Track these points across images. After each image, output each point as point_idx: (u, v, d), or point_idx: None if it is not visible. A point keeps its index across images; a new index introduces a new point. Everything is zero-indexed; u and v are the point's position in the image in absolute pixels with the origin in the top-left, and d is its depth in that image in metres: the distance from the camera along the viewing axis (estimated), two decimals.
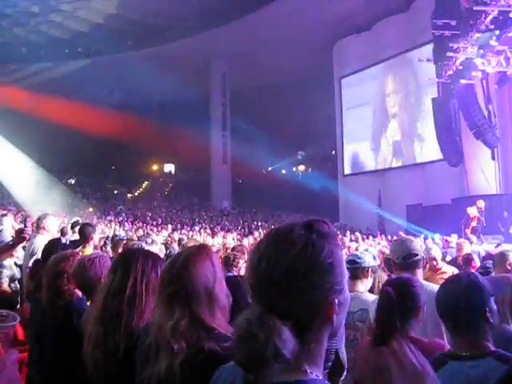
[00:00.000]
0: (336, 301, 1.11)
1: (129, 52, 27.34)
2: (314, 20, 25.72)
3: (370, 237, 19.62)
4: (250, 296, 1.13)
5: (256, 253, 1.15)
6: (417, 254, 3.39)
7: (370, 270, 3.72)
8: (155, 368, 1.82)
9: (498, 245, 11.68)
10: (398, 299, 1.87)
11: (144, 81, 26.45)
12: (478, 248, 10.28)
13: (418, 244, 3.59)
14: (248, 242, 15.35)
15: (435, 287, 2.78)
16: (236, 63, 28.73)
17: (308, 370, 1.09)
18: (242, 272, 5.22)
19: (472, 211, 15.81)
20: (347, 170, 29.89)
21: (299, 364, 1.09)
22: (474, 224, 15.72)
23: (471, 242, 10.28)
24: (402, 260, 3.39)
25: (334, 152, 32.44)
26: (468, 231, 15.18)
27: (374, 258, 4.09)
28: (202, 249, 2.06)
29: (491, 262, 5.37)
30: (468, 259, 6.54)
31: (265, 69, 29.38)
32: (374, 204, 25.50)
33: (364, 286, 3.68)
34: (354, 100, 29.33)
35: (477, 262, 6.46)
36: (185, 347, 1.79)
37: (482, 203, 16.23)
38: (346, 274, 1.17)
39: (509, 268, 4.87)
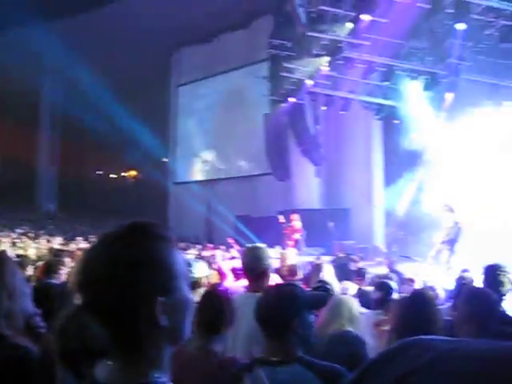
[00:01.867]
0: (159, 301, 1.09)
1: None
2: (154, 26, 25.45)
3: (197, 246, 19.78)
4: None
5: (84, 254, 1.17)
6: (254, 269, 3.46)
7: (202, 280, 3.71)
8: None
9: (319, 257, 12.34)
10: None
11: None
12: (303, 259, 10.75)
13: (259, 257, 3.53)
14: (73, 247, 14.79)
15: None
16: (71, 61, 27.50)
17: (150, 373, 1.09)
18: (63, 279, 5.10)
19: (296, 224, 16.52)
20: (178, 178, 29.94)
21: (140, 368, 1.09)
22: (297, 236, 16.41)
23: (295, 253, 10.73)
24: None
25: (166, 159, 32.27)
26: (290, 243, 15.72)
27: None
28: None
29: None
30: (292, 270, 6.79)
31: (101, 69, 28.50)
32: (203, 213, 25.76)
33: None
34: (190, 109, 29.61)
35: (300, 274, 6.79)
36: None
37: (295, 217, 17.00)
38: (182, 275, 1.16)
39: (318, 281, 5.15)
